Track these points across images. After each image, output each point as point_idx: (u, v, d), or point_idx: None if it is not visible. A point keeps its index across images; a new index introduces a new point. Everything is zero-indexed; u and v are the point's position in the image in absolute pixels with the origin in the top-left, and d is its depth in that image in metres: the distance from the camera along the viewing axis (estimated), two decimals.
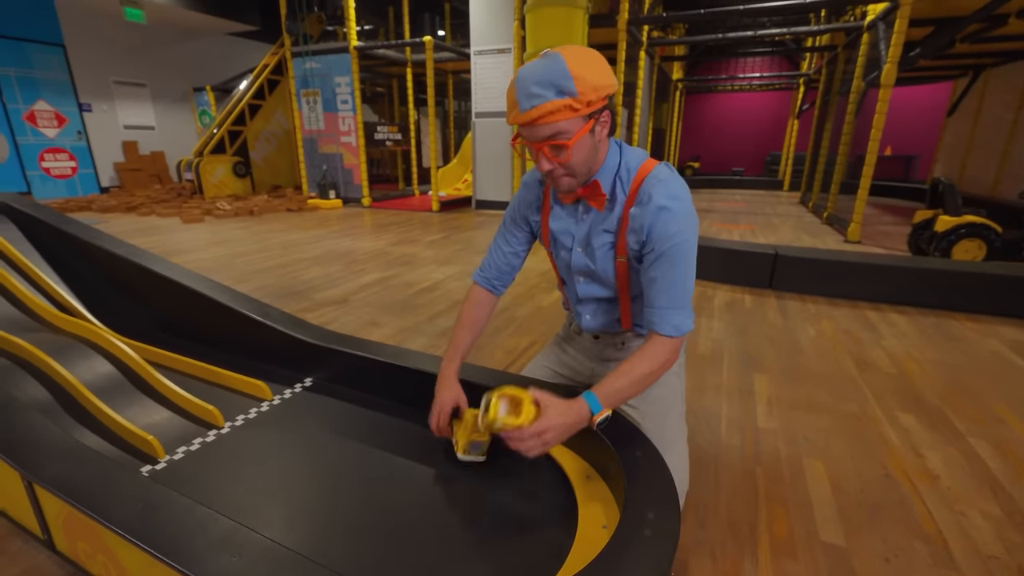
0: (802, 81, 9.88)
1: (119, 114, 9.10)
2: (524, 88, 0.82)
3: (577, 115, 0.83)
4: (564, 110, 0.82)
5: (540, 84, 0.81)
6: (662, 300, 0.95)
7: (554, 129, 0.84)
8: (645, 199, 0.92)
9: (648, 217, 0.92)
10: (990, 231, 3.30)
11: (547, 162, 0.89)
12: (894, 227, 5.53)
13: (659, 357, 0.96)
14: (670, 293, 0.95)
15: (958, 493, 1.32)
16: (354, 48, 6.55)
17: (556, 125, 0.83)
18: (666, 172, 0.96)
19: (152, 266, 1.77)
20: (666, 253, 0.92)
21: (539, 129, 0.84)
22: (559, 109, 0.82)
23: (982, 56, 6.56)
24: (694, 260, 0.97)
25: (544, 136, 0.85)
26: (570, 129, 0.84)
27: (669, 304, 0.95)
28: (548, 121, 0.83)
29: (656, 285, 0.95)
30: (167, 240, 4.71)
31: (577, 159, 0.89)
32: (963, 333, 2.44)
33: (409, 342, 2.27)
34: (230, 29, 9.66)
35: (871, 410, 1.73)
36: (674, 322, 0.95)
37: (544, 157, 0.88)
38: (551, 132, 0.84)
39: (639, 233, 0.94)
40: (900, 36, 3.98)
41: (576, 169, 0.91)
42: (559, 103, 0.81)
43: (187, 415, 1.33)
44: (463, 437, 1.08)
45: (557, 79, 0.81)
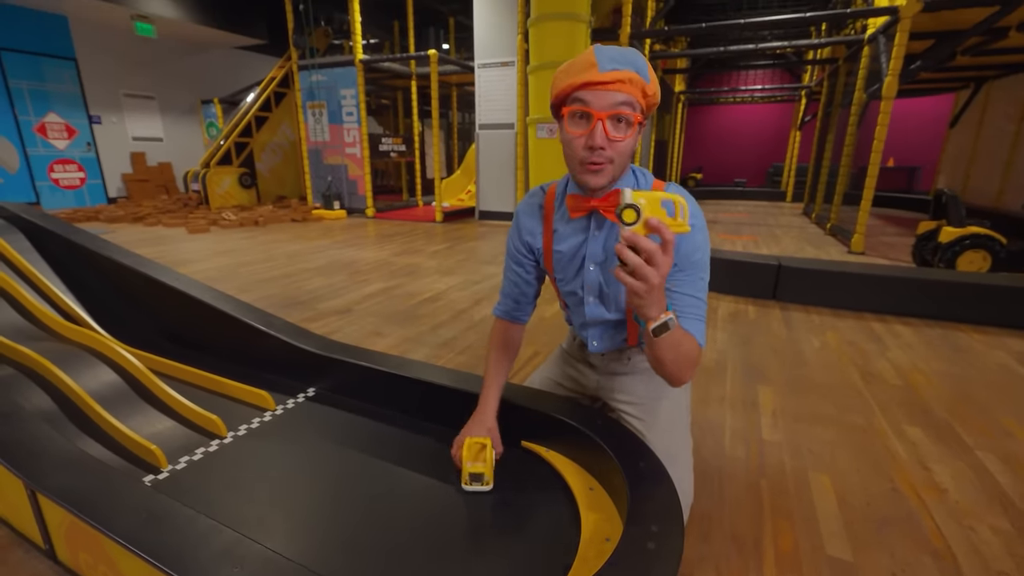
0: (804, 93, 9.94)
1: (128, 126, 9.23)
2: (608, 54, 0.82)
3: (642, 101, 0.84)
4: (638, 88, 0.82)
5: (625, 58, 0.82)
6: (688, 310, 0.94)
7: (626, 98, 0.82)
8: None
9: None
10: (995, 242, 3.29)
11: (603, 136, 0.83)
12: (898, 238, 5.52)
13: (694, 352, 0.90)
14: (692, 307, 0.95)
15: (967, 507, 1.30)
16: (360, 61, 6.64)
17: (628, 96, 0.82)
18: (679, 191, 0.95)
19: (158, 276, 1.79)
20: (686, 269, 0.92)
21: (613, 94, 0.81)
22: (636, 83, 0.82)
23: (983, 68, 6.59)
24: (707, 282, 0.97)
25: (615, 103, 0.81)
26: (636, 108, 0.83)
27: (695, 314, 0.94)
28: (625, 90, 0.81)
29: (681, 295, 0.94)
30: (173, 250, 4.75)
31: (628, 145, 0.86)
32: (970, 345, 2.42)
33: (412, 352, 2.27)
34: (238, 43, 9.82)
35: (877, 422, 1.72)
36: (702, 332, 0.95)
37: (602, 130, 0.83)
38: (623, 100, 0.81)
39: None
40: (901, 49, 4.01)
41: (622, 157, 0.87)
42: (637, 77, 0.82)
43: (190, 424, 1.34)
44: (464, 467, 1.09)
45: (639, 63, 0.83)
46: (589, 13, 4.82)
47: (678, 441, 1.14)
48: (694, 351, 0.93)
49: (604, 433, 1.10)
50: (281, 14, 7.37)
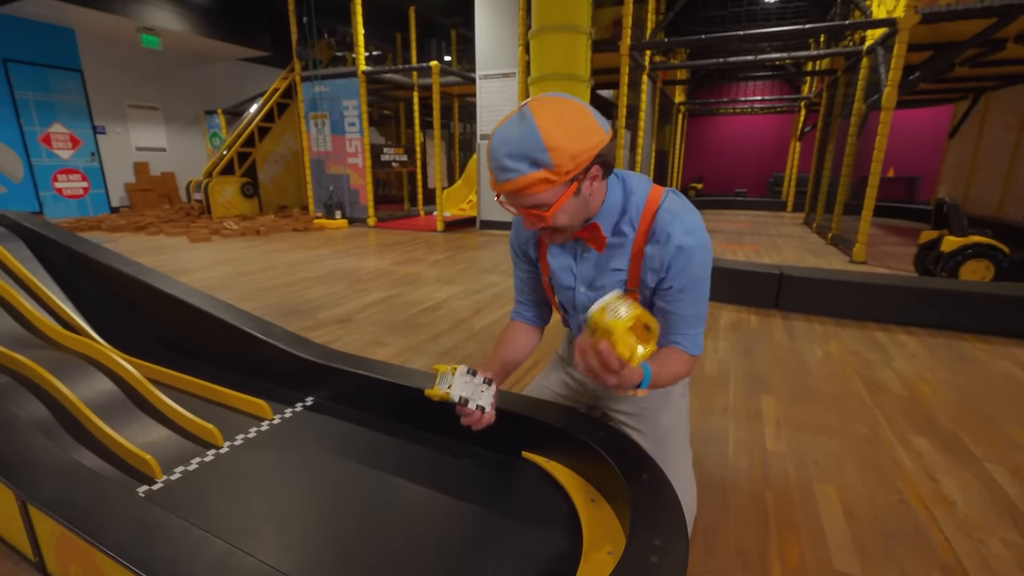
0: (803, 104, 10.00)
1: (132, 136, 9.30)
2: (497, 160, 0.78)
3: (556, 184, 0.78)
4: (540, 183, 0.77)
5: (513, 157, 0.76)
6: (686, 328, 0.96)
7: (532, 201, 0.80)
8: (664, 237, 0.89)
9: (668, 256, 0.89)
10: (997, 251, 3.28)
11: (531, 224, 0.87)
12: (899, 247, 5.51)
13: (685, 367, 0.97)
14: (692, 320, 0.96)
15: (976, 520, 1.28)
16: (362, 72, 6.70)
17: (534, 197, 0.79)
18: (678, 203, 0.92)
19: (156, 284, 1.78)
20: (687, 288, 0.92)
21: (517, 198, 0.81)
22: (534, 183, 0.77)
23: (981, 80, 6.64)
24: (709, 287, 0.97)
25: (523, 205, 0.82)
26: (548, 200, 0.80)
27: (693, 327, 0.96)
28: (525, 194, 0.79)
29: (679, 317, 0.95)
30: (174, 259, 4.75)
31: (561, 221, 0.85)
32: (974, 355, 2.40)
33: (412, 361, 2.25)
34: (242, 55, 9.93)
35: (883, 433, 1.69)
36: (697, 341, 0.97)
37: (528, 221, 0.86)
38: (529, 203, 0.81)
39: (658, 272, 0.92)
40: (900, 60, 4.03)
41: (565, 224, 0.87)
42: (534, 176, 0.76)
43: (186, 434, 1.32)
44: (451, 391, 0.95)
45: (531, 151, 0.75)
46: (590, 25, 4.86)
47: (678, 452, 1.12)
48: (682, 368, 0.97)
49: (606, 443, 1.08)
50: (285, 26, 7.46)
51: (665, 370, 0.93)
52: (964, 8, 3.79)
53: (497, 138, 0.79)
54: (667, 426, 1.13)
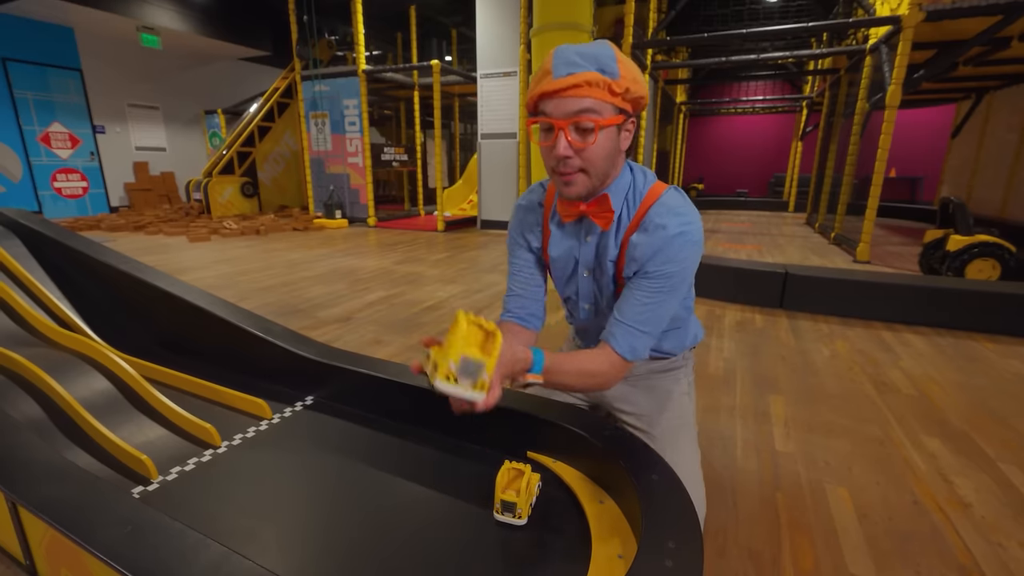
0: (805, 104, 9.98)
1: (132, 136, 9.28)
2: (564, 56, 0.75)
3: (612, 100, 0.75)
4: (601, 88, 0.74)
5: (584, 56, 0.74)
6: (633, 315, 0.86)
7: (585, 104, 0.74)
8: (651, 227, 0.85)
9: (655, 244, 0.84)
10: (1004, 251, 3.25)
11: (567, 146, 0.77)
12: (903, 247, 5.48)
13: (603, 370, 0.87)
14: (646, 315, 0.86)
15: (993, 522, 1.25)
16: (362, 71, 6.68)
17: (589, 101, 0.74)
18: (677, 198, 0.88)
19: (154, 281, 1.75)
20: (660, 276, 0.85)
21: (569, 101, 0.74)
22: (597, 84, 0.74)
23: (984, 79, 6.61)
24: (684, 292, 0.90)
25: (573, 111, 0.75)
26: (601, 111, 0.75)
27: (639, 325, 0.86)
28: (582, 94, 0.74)
29: (636, 302, 0.87)
30: (173, 258, 4.73)
31: (599, 151, 0.79)
32: (984, 354, 2.37)
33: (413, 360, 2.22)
34: (242, 54, 9.91)
35: (894, 434, 1.66)
36: (634, 345, 0.87)
37: (565, 140, 0.77)
38: (581, 107, 0.75)
39: (638, 262, 0.87)
40: (904, 58, 4.01)
41: (594, 165, 0.80)
42: (599, 77, 0.74)
43: (183, 434, 1.29)
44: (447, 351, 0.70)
45: (602, 58, 0.74)
46: (592, 23, 4.84)
47: (685, 453, 1.09)
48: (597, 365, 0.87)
49: (614, 443, 1.05)
50: (285, 26, 7.45)
51: (570, 367, 0.86)
52: (969, 6, 3.76)
53: (565, 46, 0.77)
54: (671, 428, 1.10)
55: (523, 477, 1.01)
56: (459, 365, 0.67)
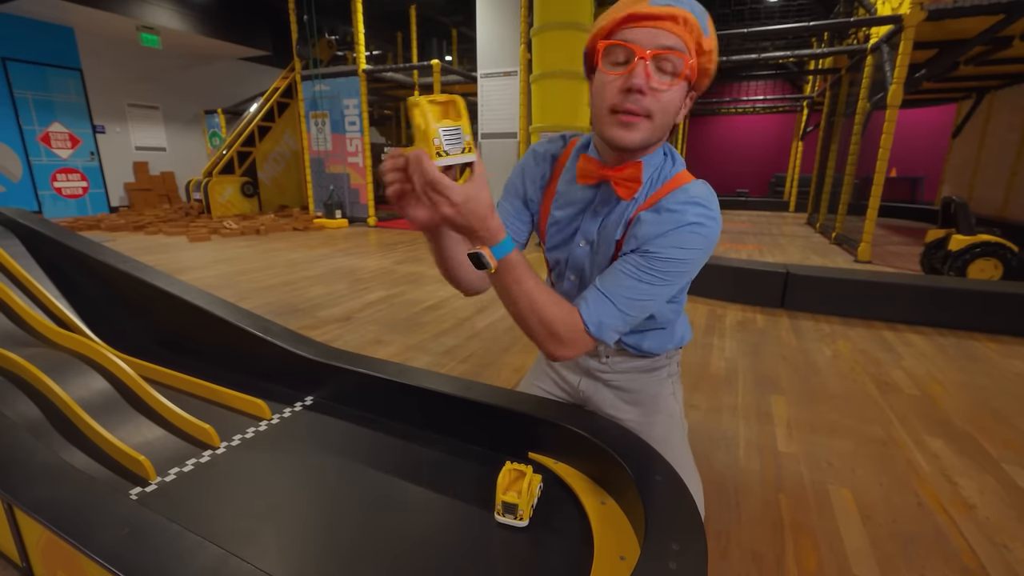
0: (806, 104, 9.96)
1: (132, 135, 9.27)
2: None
3: (698, 54, 0.70)
4: (696, 34, 0.69)
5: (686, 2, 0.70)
6: (615, 290, 0.77)
7: (677, 41, 0.68)
8: (662, 209, 0.78)
9: (663, 226, 0.77)
10: (1006, 250, 3.24)
11: (643, 78, 0.69)
12: (903, 247, 5.47)
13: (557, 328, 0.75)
14: (629, 293, 0.77)
15: (998, 524, 1.24)
16: (363, 71, 6.67)
17: (682, 41, 0.68)
18: (703, 189, 0.81)
19: (152, 280, 1.74)
20: (662, 260, 0.76)
21: (662, 34, 0.68)
22: (694, 28, 0.68)
23: (985, 79, 6.60)
24: (679, 287, 0.82)
25: (662, 43, 0.68)
26: (687, 56, 0.69)
27: (617, 301, 0.76)
28: (678, 31, 0.68)
29: (623, 275, 0.77)
30: (172, 258, 4.72)
31: (672, 100, 0.72)
32: (986, 354, 2.36)
33: (414, 360, 2.21)
34: (242, 54, 9.90)
35: (897, 434, 1.65)
36: (603, 320, 0.76)
37: (643, 71, 0.69)
38: (673, 42, 0.68)
39: (639, 239, 0.79)
40: (905, 58, 4.00)
41: (664, 113, 0.73)
42: (695, 23, 0.68)
43: (182, 434, 1.28)
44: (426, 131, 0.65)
45: (699, 11, 0.71)
46: (592, 22, 4.83)
47: (679, 454, 1.07)
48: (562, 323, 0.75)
49: (616, 443, 1.04)
50: (285, 26, 7.44)
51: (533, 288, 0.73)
52: (971, 5, 3.75)
53: None
54: (663, 432, 1.07)
55: (524, 478, 1.00)
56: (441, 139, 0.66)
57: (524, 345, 2.41)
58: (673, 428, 1.08)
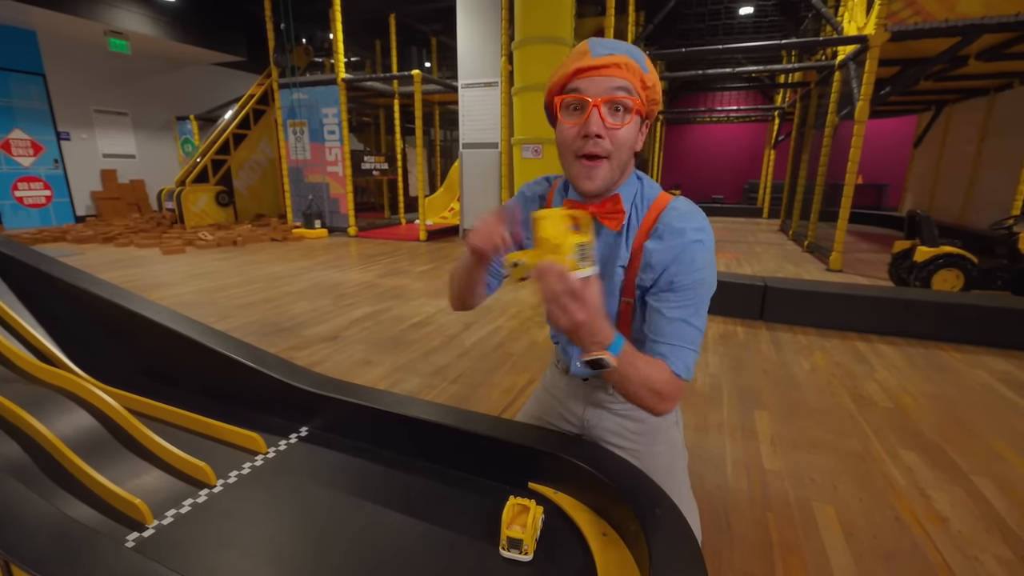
0: (777, 114, 10.28)
1: (99, 142, 8.97)
2: (601, 42, 0.78)
3: (641, 92, 0.78)
4: (636, 75, 0.77)
5: (620, 46, 0.78)
6: (676, 336, 0.85)
7: (622, 83, 0.76)
8: (666, 232, 0.84)
9: (673, 250, 0.84)
10: (967, 261, 3.42)
11: (600, 123, 0.76)
12: (872, 254, 5.70)
13: (663, 388, 0.84)
14: (685, 331, 0.86)
15: (969, 536, 1.31)
16: (342, 80, 6.61)
17: (625, 82, 0.77)
18: (688, 205, 0.86)
19: (137, 308, 1.70)
20: (688, 287, 0.84)
21: (606, 80, 0.76)
22: (633, 70, 0.77)
23: (944, 93, 6.94)
24: (710, 292, 0.88)
25: (610, 88, 0.76)
26: (634, 95, 0.78)
27: (683, 342, 0.86)
28: (620, 75, 0.76)
29: (666, 321, 0.86)
30: (146, 273, 4.58)
31: (627, 137, 0.80)
32: (952, 364, 2.48)
33: (405, 382, 2.21)
34: (216, 60, 9.70)
35: (873, 448, 1.73)
36: (687, 363, 0.86)
37: (597, 117, 0.76)
38: (618, 85, 0.76)
39: (655, 269, 0.85)
40: (871, 75, 4.18)
41: (620, 151, 0.80)
42: (635, 65, 0.77)
43: (177, 473, 1.26)
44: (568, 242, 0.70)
45: (635, 53, 0.79)
46: (572, 37, 4.91)
47: (679, 486, 1.11)
48: (661, 380, 0.83)
49: (615, 475, 1.07)
50: (260, 31, 7.33)
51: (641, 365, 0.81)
52: (930, 27, 3.95)
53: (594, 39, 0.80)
54: (665, 463, 1.09)
55: (529, 512, 1.02)
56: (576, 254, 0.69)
57: (513, 365, 2.43)
58: (676, 457, 1.11)
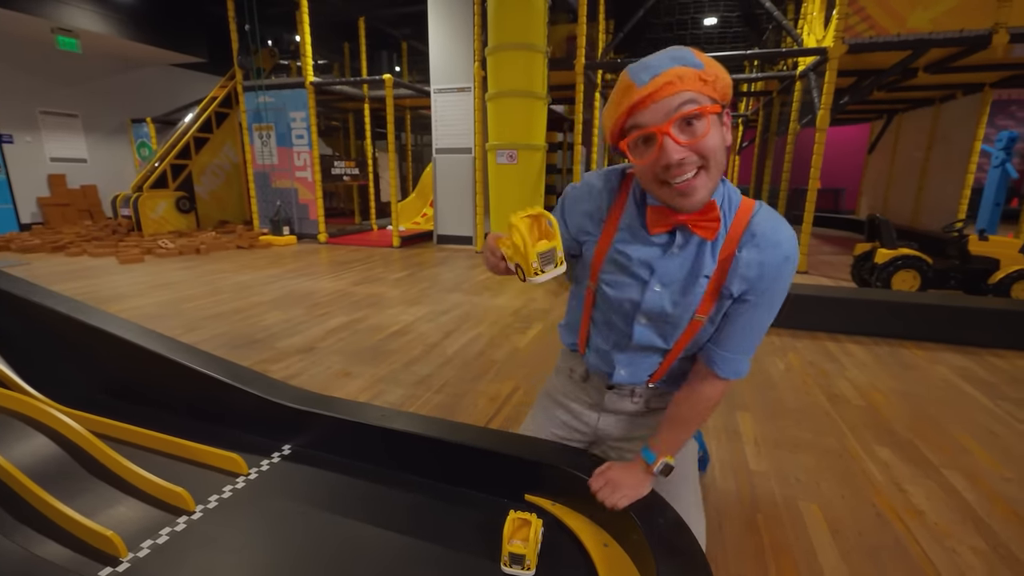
0: (740, 121, 10.65)
1: (46, 145, 8.48)
2: (642, 66, 0.72)
3: (706, 90, 0.70)
4: (693, 80, 0.69)
5: (663, 60, 0.71)
6: (736, 344, 0.87)
7: (684, 97, 0.69)
8: (763, 242, 0.80)
9: (769, 263, 0.80)
10: (922, 262, 3.60)
11: (676, 148, 0.70)
12: (833, 256, 5.95)
13: (713, 400, 0.93)
14: (748, 339, 0.87)
15: (945, 529, 1.37)
16: (311, 83, 6.46)
17: (686, 94, 0.69)
18: (775, 213, 0.84)
19: (97, 323, 1.60)
20: (762, 304, 0.83)
21: (664, 102, 0.69)
22: (688, 76, 0.69)
23: (894, 102, 7.34)
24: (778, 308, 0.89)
25: (672, 108, 0.69)
26: (700, 100, 0.70)
27: (742, 350, 0.88)
28: (676, 89, 0.69)
29: (737, 328, 0.86)
30: (102, 284, 4.34)
31: (714, 140, 0.72)
32: (915, 361, 2.60)
33: (387, 393, 2.16)
34: (174, 60, 9.33)
35: (850, 445, 1.79)
36: (738, 368, 0.89)
37: (671, 142, 0.70)
38: (680, 101, 0.69)
39: (749, 280, 0.81)
40: (831, 86, 4.37)
41: (714, 155, 0.73)
42: (687, 70, 0.69)
43: (152, 500, 1.18)
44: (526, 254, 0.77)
45: (682, 55, 0.72)
46: (546, 44, 4.94)
47: (688, 488, 1.11)
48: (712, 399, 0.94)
49: None
50: (222, 31, 7.09)
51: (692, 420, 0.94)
52: (884, 40, 4.17)
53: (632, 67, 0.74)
54: (680, 465, 1.07)
55: (530, 527, 1.00)
56: (539, 261, 0.77)
57: (497, 372, 2.41)
58: (685, 459, 1.10)
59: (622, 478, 0.96)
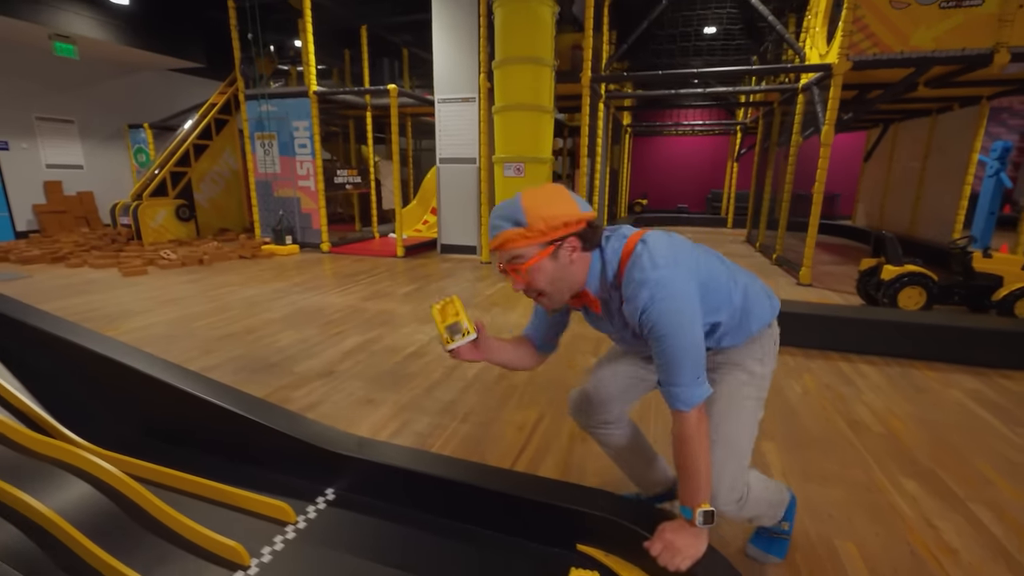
0: (739, 128, 10.74)
1: (42, 152, 8.38)
2: (491, 222, 1.01)
3: (531, 242, 0.97)
4: (518, 238, 0.97)
5: (500, 217, 0.99)
6: (667, 377, 1.00)
7: (511, 253, 0.99)
8: (629, 292, 1.00)
9: (635, 313, 0.99)
10: (928, 279, 3.66)
11: (515, 282, 1.03)
12: (836, 267, 6.02)
13: (688, 431, 1.01)
14: (672, 370, 0.99)
15: (978, 567, 1.40)
16: (314, 93, 6.44)
17: (512, 251, 0.99)
18: (652, 246, 1.01)
19: (141, 366, 1.59)
20: (662, 333, 0.96)
21: (500, 254, 1.01)
22: (512, 237, 0.97)
23: (890, 112, 7.43)
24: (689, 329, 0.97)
25: (505, 259, 1.01)
26: (525, 254, 0.98)
27: (673, 381, 0.99)
28: (506, 248, 0.99)
29: (662, 362, 1.00)
30: (108, 300, 4.30)
31: (537, 280, 1.01)
32: (927, 383, 2.65)
33: (414, 423, 2.16)
34: (172, 66, 9.25)
35: (876, 477, 1.82)
36: (682, 398, 1.00)
37: (513, 280, 1.02)
38: (509, 256, 1.00)
39: (640, 323, 1.00)
40: (835, 102, 4.43)
41: (544, 289, 1.02)
42: (512, 232, 0.97)
43: (206, 554, 1.18)
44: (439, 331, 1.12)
45: (512, 213, 0.98)
46: (553, 58, 4.96)
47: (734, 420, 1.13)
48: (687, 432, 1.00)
49: None
50: (221, 36, 7.04)
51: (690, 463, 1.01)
52: (888, 58, 4.23)
53: (493, 210, 1.02)
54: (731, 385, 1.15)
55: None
56: (447, 333, 1.11)
57: (520, 398, 2.42)
58: (743, 385, 1.15)
59: (678, 539, 1.02)
